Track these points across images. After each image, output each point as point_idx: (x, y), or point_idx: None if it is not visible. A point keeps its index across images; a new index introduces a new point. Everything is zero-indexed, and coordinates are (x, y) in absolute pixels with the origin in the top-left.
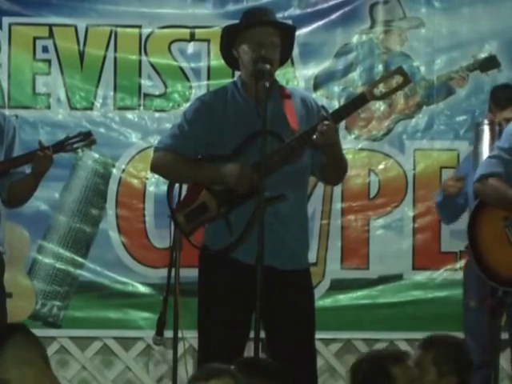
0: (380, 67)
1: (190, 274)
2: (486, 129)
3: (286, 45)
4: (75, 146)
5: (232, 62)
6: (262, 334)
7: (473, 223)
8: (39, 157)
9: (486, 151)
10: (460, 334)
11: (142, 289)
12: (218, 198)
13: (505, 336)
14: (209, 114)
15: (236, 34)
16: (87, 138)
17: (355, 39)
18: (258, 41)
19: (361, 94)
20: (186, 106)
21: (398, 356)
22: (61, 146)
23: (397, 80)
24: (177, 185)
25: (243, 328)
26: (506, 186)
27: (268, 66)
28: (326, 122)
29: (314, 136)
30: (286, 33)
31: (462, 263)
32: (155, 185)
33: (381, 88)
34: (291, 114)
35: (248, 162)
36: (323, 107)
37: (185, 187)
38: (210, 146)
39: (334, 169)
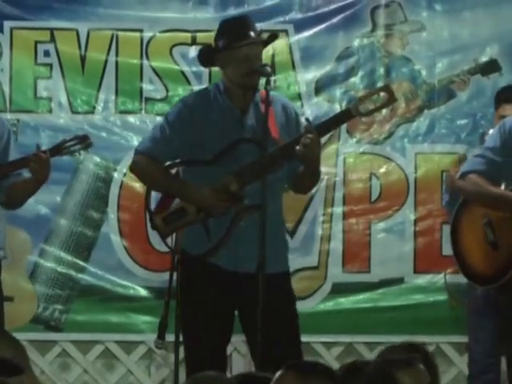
0: (381, 71)
1: None
2: None
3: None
4: (72, 149)
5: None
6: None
7: (455, 223)
8: (35, 160)
9: None
10: (461, 338)
11: (144, 292)
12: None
13: None
14: (191, 116)
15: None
16: (84, 141)
17: (356, 43)
18: (244, 56)
19: (346, 110)
20: None
21: (407, 360)
22: (57, 150)
23: (383, 97)
24: None
25: (225, 332)
26: (485, 182)
27: (269, 69)
28: (309, 136)
29: (297, 147)
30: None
31: None
32: None
33: (368, 103)
34: (272, 122)
35: (220, 179)
36: (307, 120)
37: None
38: (193, 147)
39: (308, 179)
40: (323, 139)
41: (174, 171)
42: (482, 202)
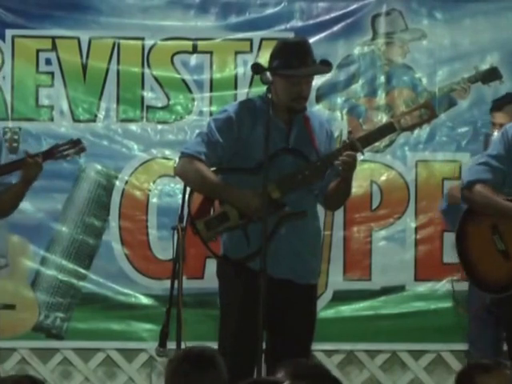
0: (382, 79)
1: (193, 285)
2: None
3: None
4: (65, 153)
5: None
6: None
7: (461, 232)
8: (29, 164)
9: None
10: (462, 346)
11: (145, 300)
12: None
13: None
14: (237, 124)
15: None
16: (77, 146)
17: (357, 51)
18: (295, 82)
19: (389, 123)
20: (189, 117)
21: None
22: (50, 154)
23: (423, 112)
24: (180, 194)
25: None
26: (492, 191)
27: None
28: (350, 153)
29: (337, 162)
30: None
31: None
32: (158, 196)
33: (407, 119)
34: (312, 135)
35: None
36: (350, 133)
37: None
38: (236, 155)
39: (340, 195)
40: None
41: None
42: (491, 213)
